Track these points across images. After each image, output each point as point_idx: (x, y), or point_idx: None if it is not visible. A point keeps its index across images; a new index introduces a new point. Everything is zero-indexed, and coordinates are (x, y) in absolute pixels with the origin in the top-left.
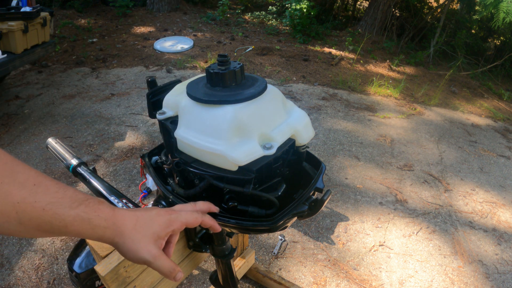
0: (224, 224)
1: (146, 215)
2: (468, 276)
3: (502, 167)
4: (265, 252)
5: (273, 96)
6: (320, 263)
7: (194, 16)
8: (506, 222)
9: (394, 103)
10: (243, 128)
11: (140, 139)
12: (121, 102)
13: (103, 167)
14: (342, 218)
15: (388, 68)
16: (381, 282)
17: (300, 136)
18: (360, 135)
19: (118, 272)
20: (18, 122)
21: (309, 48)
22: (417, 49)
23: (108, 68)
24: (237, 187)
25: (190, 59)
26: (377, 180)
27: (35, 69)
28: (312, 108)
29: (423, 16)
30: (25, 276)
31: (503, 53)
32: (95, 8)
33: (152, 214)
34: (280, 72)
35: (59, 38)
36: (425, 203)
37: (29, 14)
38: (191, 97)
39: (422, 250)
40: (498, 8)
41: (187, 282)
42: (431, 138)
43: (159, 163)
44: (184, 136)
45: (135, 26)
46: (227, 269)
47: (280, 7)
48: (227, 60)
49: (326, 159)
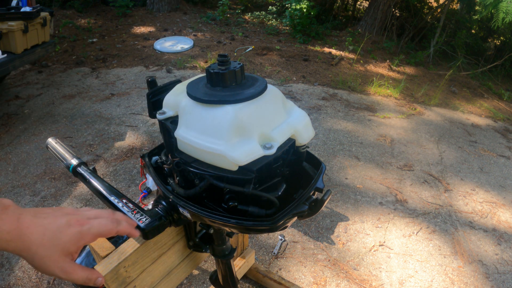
0: (224, 224)
1: (55, 226)
2: (468, 276)
3: (502, 167)
4: (265, 252)
5: (273, 96)
6: (320, 263)
7: (194, 16)
8: (506, 222)
9: (394, 103)
10: (243, 128)
11: (140, 139)
12: (121, 102)
13: (103, 167)
14: (342, 218)
15: (388, 68)
16: (381, 282)
17: (300, 136)
18: (360, 135)
19: (118, 272)
20: (18, 122)
21: (309, 48)
22: (417, 49)
23: (108, 68)
24: (237, 187)
25: (190, 59)
26: (377, 180)
27: (35, 69)
28: (312, 108)
29: (423, 16)
30: (25, 276)
31: (503, 53)
32: (95, 8)
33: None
34: (280, 72)
35: (59, 38)
36: (425, 203)
37: (29, 14)
38: (191, 97)
39: (422, 250)
40: (498, 8)
41: (187, 282)
42: (431, 138)
43: (159, 163)
44: (184, 136)
45: (135, 26)
46: (227, 269)
47: (280, 7)
48: (227, 60)
49: (326, 159)
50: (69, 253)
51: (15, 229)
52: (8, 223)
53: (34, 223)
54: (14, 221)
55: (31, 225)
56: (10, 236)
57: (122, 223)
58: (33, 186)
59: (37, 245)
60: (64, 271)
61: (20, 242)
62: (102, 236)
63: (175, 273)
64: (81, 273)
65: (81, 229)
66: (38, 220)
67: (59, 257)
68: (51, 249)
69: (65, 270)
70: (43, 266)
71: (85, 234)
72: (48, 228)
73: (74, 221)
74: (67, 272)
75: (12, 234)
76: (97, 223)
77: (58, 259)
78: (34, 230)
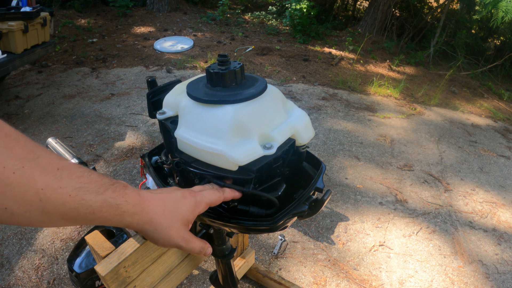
0: (224, 224)
1: (172, 198)
2: (468, 276)
3: (502, 167)
4: (265, 252)
5: (273, 96)
6: (320, 263)
7: (194, 16)
8: (506, 222)
9: (394, 103)
10: (243, 128)
11: (140, 139)
12: (121, 102)
13: (103, 167)
14: (342, 218)
15: (388, 68)
16: (381, 282)
17: (300, 136)
18: (360, 135)
19: (118, 272)
20: (18, 122)
21: (309, 48)
22: (417, 49)
23: (108, 68)
24: (237, 187)
25: (190, 59)
26: (377, 180)
27: (35, 69)
28: (312, 108)
29: (423, 16)
30: (25, 276)
31: (503, 53)
32: (95, 8)
33: (177, 197)
34: (280, 72)
35: (59, 38)
36: (425, 203)
37: (29, 14)
38: (191, 97)
39: (422, 250)
40: (497, 7)
41: (187, 282)
42: (431, 138)
43: (159, 163)
44: (184, 136)
45: (135, 26)
46: (227, 269)
47: (280, 7)
48: (227, 60)
49: (326, 159)
50: (188, 222)
51: (139, 203)
52: (133, 197)
53: (153, 197)
54: (136, 196)
55: (152, 198)
56: (136, 209)
57: (226, 190)
58: None
59: (159, 216)
60: (185, 240)
61: (144, 214)
62: (212, 204)
63: (175, 273)
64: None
65: (195, 198)
66: (156, 195)
67: (180, 227)
68: (173, 219)
69: (186, 238)
70: (165, 236)
71: (199, 202)
72: (167, 200)
73: (187, 193)
74: (188, 240)
75: (137, 207)
76: (207, 193)
77: (180, 228)
78: (156, 203)
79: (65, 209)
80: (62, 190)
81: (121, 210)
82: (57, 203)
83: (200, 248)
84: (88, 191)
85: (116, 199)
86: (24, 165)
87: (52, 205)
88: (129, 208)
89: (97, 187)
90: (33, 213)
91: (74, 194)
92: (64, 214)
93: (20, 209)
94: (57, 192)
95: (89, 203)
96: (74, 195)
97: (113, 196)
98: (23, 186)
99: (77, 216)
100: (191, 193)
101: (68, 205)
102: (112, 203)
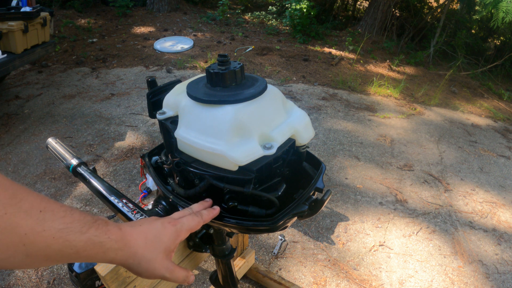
0: (224, 224)
1: (153, 229)
2: (468, 276)
3: (502, 167)
4: (265, 252)
5: (273, 96)
6: (320, 263)
7: (194, 16)
8: (506, 222)
9: (394, 103)
10: (243, 128)
11: (140, 139)
12: (121, 102)
13: (103, 167)
14: (342, 218)
15: (388, 68)
16: (381, 282)
17: (300, 136)
18: (360, 135)
19: (118, 272)
20: (18, 122)
21: (309, 48)
22: (417, 49)
23: (108, 68)
24: (237, 187)
25: (190, 59)
26: (377, 180)
27: (35, 69)
28: (312, 108)
29: (423, 16)
30: (25, 276)
31: (503, 53)
32: (95, 8)
33: (158, 228)
34: (280, 72)
35: (59, 38)
36: (425, 203)
37: (29, 14)
38: (191, 97)
39: (422, 250)
40: (498, 8)
41: None
42: (431, 138)
43: (159, 163)
44: (184, 136)
45: (135, 26)
46: (227, 269)
47: (280, 7)
48: (227, 60)
49: (326, 159)
50: (170, 252)
51: (121, 238)
52: (114, 233)
53: (134, 230)
54: (118, 231)
55: (132, 232)
56: (118, 245)
57: (203, 214)
58: (33, 186)
59: (142, 249)
60: (169, 270)
61: (127, 249)
62: (193, 230)
63: None
64: (182, 271)
65: (176, 228)
66: (136, 228)
67: (163, 257)
68: (155, 251)
69: (169, 269)
70: (150, 269)
71: (180, 231)
72: (148, 232)
73: (166, 223)
74: (172, 270)
75: (120, 242)
76: (186, 220)
77: (163, 259)
78: (137, 236)
79: (50, 251)
80: (45, 233)
81: (105, 247)
82: (41, 246)
83: (184, 277)
84: (71, 231)
85: (99, 236)
86: (7, 211)
87: (36, 249)
88: (112, 245)
89: (80, 226)
90: (17, 258)
91: (58, 236)
92: (49, 256)
93: (3, 254)
94: (41, 235)
95: (73, 243)
96: (58, 237)
97: (96, 234)
98: (6, 233)
99: (61, 257)
100: (170, 222)
101: (53, 247)
102: (95, 241)
